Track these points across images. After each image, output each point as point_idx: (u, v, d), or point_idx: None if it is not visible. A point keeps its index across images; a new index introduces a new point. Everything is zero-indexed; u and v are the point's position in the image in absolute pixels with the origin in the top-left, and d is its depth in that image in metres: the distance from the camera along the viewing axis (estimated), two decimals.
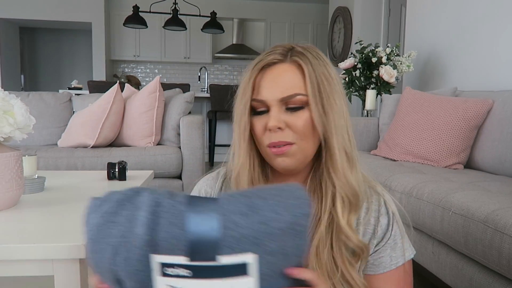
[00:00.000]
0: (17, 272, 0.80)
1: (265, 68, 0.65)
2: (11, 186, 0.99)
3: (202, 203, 0.46)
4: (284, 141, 0.63)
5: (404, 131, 1.97)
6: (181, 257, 0.43)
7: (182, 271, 0.44)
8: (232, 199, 0.47)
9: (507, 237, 0.98)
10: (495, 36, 2.21)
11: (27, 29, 7.18)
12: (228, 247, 0.44)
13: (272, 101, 0.63)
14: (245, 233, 0.44)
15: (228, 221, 0.45)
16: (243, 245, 0.44)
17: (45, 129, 2.59)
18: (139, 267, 0.44)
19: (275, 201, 0.47)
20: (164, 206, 0.45)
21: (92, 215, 0.47)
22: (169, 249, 0.43)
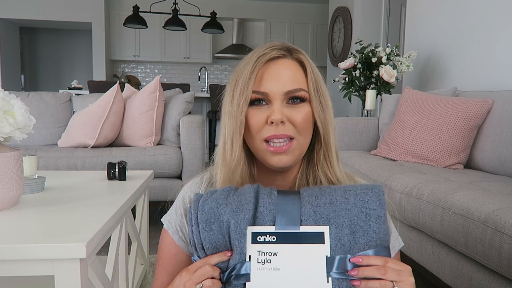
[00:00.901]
0: (17, 272, 0.80)
1: (268, 62, 0.65)
2: (11, 186, 0.99)
3: (287, 191, 0.62)
4: (286, 134, 0.63)
5: (404, 131, 1.97)
6: (271, 226, 0.57)
7: (269, 237, 0.57)
8: (308, 188, 0.62)
9: (507, 237, 0.98)
10: (495, 36, 2.21)
11: (27, 29, 7.18)
12: (306, 219, 0.57)
13: (276, 94, 0.64)
14: (317, 210, 0.58)
15: (305, 200, 0.59)
16: (317, 219, 0.57)
17: (45, 129, 2.59)
18: (243, 235, 0.57)
19: (344, 190, 0.60)
20: (262, 191, 0.61)
21: (204, 203, 0.60)
22: (262, 220, 0.58)
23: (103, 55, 6.12)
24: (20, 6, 5.84)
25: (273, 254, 0.56)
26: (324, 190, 0.61)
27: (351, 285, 0.55)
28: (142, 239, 1.61)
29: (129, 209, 1.32)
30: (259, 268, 0.56)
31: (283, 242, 0.56)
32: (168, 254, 0.72)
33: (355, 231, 0.57)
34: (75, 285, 0.79)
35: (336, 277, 0.55)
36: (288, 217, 0.58)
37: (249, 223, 0.57)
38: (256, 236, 0.57)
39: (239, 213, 0.58)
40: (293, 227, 0.57)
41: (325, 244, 0.56)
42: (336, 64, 4.16)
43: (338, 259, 0.56)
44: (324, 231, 0.57)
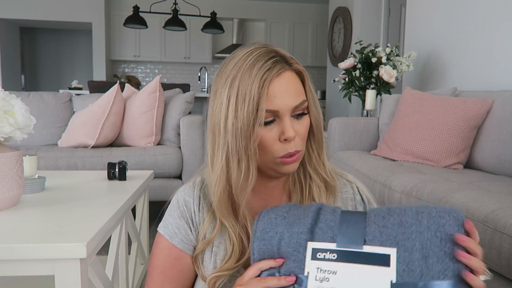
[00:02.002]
0: (17, 272, 0.80)
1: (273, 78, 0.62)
2: (12, 186, 0.99)
3: (352, 211, 0.61)
4: (297, 150, 0.65)
5: (404, 131, 1.97)
6: (331, 243, 0.54)
7: (330, 255, 0.54)
8: (375, 208, 0.59)
9: (507, 237, 0.98)
10: (495, 36, 2.21)
11: (28, 29, 7.19)
12: (370, 240, 0.53)
13: (286, 111, 0.63)
14: (384, 231, 0.53)
15: (371, 220, 0.55)
16: (384, 240, 0.53)
17: (45, 129, 2.59)
18: (295, 250, 0.55)
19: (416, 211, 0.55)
20: (325, 208, 0.59)
21: (267, 214, 0.60)
22: (322, 237, 0.55)
23: (103, 55, 6.13)
24: (20, 6, 5.84)
25: (332, 273, 0.52)
26: (393, 210, 0.56)
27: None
28: (142, 239, 1.61)
29: (129, 209, 1.32)
30: (316, 286, 0.52)
31: (344, 260, 0.52)
32: (169, 259, 0.70)
33: (428, 257, 0.51)
34: (75, 285, 0.79)
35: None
36: (350, 236, 0.54)
37: (305, 238, 0.55)
38: (316, 253, 0.54)
39: (294, 226, 0.56)
40: (355, 246, 0.53)
41: (391, 267, 0.51)
42: (336, 64, 4.16)
43: (404, 285, 0.50)
44: (390, 254, 0.51)
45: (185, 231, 0.71)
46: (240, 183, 0.63)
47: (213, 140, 0.65)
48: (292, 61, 0.66)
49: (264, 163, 0.66)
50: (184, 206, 0.72)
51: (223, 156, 0.63)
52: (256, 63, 0.62)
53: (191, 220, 0.71)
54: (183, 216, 0.71)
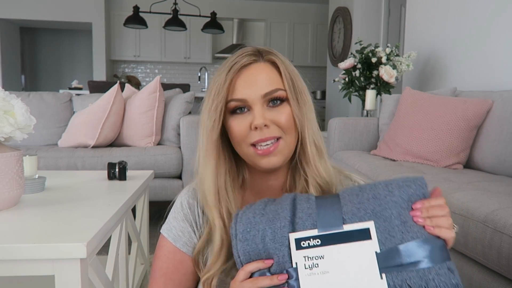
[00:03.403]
0: (17, 272, 0.80)
1: (241, 69, 0.65)
2: (12, 186, 0.99)
3: (325, 195, 0.62)
4: (272, 136, 0.64)
5: (404, 131, 1.97)
6: (313, 230, 0.55)
7: (313, 241, 0.55)
8: (346, 189, 0.61)
9: (507, 237, 0.98)
10: (495, 36, 2.21)
11: (28, 29, 7.19)
12: (350, 218, 0.55)
13: (254, 99, 0.64)
14: (361, 206, 0.56)
15: (346, 200, 0.58)
16: (362, 215, 0.55)
17: (45, 129, 2.59)
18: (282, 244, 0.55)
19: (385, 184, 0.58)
20: (300, 197, 0.61)
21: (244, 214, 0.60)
22: (303, 225, 0.56)
23: (103, 55, 6.13)
24: (20, 6, 5.84)
25: (320, 258, 0.54)
26: (364, 187, 0.59)
27: (407, 277, 0.51)
28: (142, 239, 1.61)
29: (129, 209, 1.32)
30: (307, 274, 0.53)
31: (329, 244, 0.54)
32: (173, 262, 0.70)
33: (406, 221, 0.55)
34: (75, 285, 0.79)
35: (391, 271, 0.52)
36: (329, 219, 0.56)
37: (288, 230, 0.56)
38: (299, 242, 0.55)
39: (276, 221, 0.57)
40: (336, 228, 0.55)
41: (373, 239, 0.53)
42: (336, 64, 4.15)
43: (388, 252, 0.53)
44: (369, 227, 0.54)
45: (189, 234, 0.70)
46: (203, 176, 0.67)
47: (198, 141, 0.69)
48: (266, 53, 0.67)
49: (244, 155, 0.67)
50: (188, 208, 0.72)
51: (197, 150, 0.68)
52: (228, 60, 0.66)
53: (195, 223, 0.71)
54: (187, 219, 0.71)
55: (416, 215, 0.55)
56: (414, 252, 0.53)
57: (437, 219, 0.55)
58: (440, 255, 0.53)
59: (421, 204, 0.56)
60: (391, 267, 0.52)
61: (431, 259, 0.52)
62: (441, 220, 0.55)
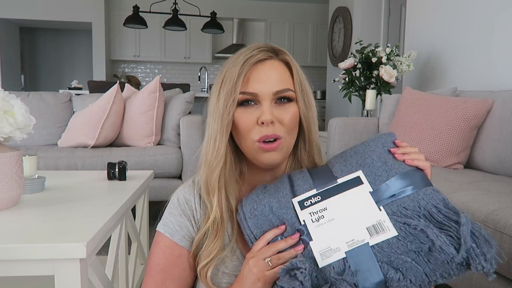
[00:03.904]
0: (17, 272, 0.80)
1: (256, 63, 0.66)
2: (11, 186, 0.99)
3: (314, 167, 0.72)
4: (275, 134, 0.65)
5: (404, 131, 1.97)
6: (312, 190, 0.63)
7: (314, 199, 0.62)
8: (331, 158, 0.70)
9: (507, 237, 0.98)
10: (495, 36, 2.21)
11: (27, 29, 7.18)
12: (340, 174, 0.64)
13: (265, 95, 0.65)
14: (346, 163, 0.65)
15: (332, 163, 0.67)
16: (350, 169, 0.64)
17: (45, 129, 2.59)
18: (288, 208, 0.63)
19: (361, 142, 0.68)
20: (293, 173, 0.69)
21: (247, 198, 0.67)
22: (302, 190, 0.64)
23: (103, 55, 6.12)
24: (20, 6, 5.84)
25: (323, 210, 0.61)
26: (345, 151, 0.68)
27: (400, 203, 0.59)
28: (142, 239, 1.61)
29: (129, 209, 1.32)
30: (316, 226, 0.60)
31: (328, 197, 0.62)
32: (171, 257, 0.69)
33: (386, 162, 0.64)
34: (75, 285, 0.79)
35: (386, 202, 0.60)
36: (323, 178, 0.64)
37: (290, 197, 0.63)
38: (302, 203, 0.62)
39: (278, 193, 0.64)
40: (331, 183, 0.63)
41: (364, 184, 0.62)
42: (336, 64, 4.15)
43: (379, 189, 0.61)
44: (359, 175, 0.63)
45: (187, 228, 0.71)
46: (213, 162, 0.67)
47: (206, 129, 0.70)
48: (280, 52, 0.69)
49: (247, 149, 0.68)
50: (185, 203, 0.72)
51: (205, 140, 0.69)
52: (244, 53, 0.67)
53: (193, 217, 0.71)
54: (184, 213, 0.71)
55: (395, 152, 0.65)
56: (400, 183, 0.61)
57: (412, 154, 0.64)
58: (423, 182, 0.62)
59: (396, 149, 0.66)
60: (385, 199, 0.60)
61: (416, 186, 0.61)
62: (415, 155, 0.64)
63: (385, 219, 0.58)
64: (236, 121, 0.66)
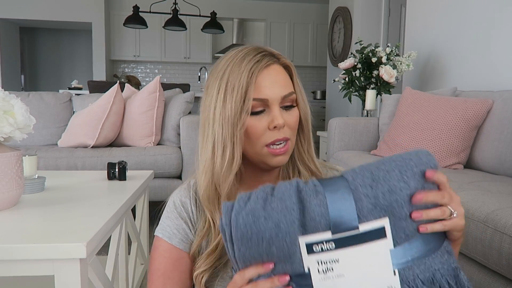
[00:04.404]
0: (17, 272, 0.80)
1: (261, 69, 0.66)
2: (11, 186, 0.99)
3: (332, 182, 0.52)
4: (286, 137, 0.67)
5: (404, 131, 1.97)
6: (326, 232, 0.49)
7: (327, 245, 0.49)
8: (356, 175, 0.52)
9: (507, 237, 0.98)
10: (495, 36, 2.21)
11: (27, 29, 7.18)
12: (365, 216, 0.49)
13: (275, 100, 0.66)
14: (378, 202, 0.50)
15: (359, 193, 0.50)
16: (378, 211, 0.50)
17: (45, 129, 2.59)
18: (292, 251, 0.49)
19: (400, 171, 0.51)
20: (305, 191, 0.51)
21: (238, 217, 0.51)
22: (315, 227, 0.49)
23: (103, 55, 6.12)
24: (20, 6, 5.84)
25: (334, 262, 0.50)
26: (377, 174, 0.51)
27: (418, 272, 0.50)
28: (142, 239, 1.61)
29: (129, 209, 1.32)
30: (321, 279, 0.50)
31: (343, 246, 0.50)
32: (170, 261, 0.69)
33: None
34: (75, 285, 0.79)
35: (402, 267, 0.50)
36: (344, 219, 0.50)
37: (298, 233, 0.50)
38: (311, 246, 0.50)
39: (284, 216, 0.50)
40: (351, 229, 0.50)
41: (388, 238, 0.50)
42: (336, 64, 4.15)
43: (400, 248, 0.51)
44: (384, 225, 0.50)
45: (184, 231, 0.71)
46: (223, 171, 0.65)
47: (202, 133, 0.69)
48: (279, 56, 0.70)
49: (254, 154, 0.68)
50: (181, 206, 0.72)
51: (209, 146, 0.67)
52: (246, 57, 0.66)
53: (190, 219, 0.72)
54: (181, 216, 0.71)
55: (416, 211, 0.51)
56: (420, 245, 0.51)
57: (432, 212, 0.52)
58: (440, 241, 0.53)
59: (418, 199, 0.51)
60: (402, 263, 0.50)
61: (433, 249, 0.52)
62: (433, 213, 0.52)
63: (396, 286, 0.50)
64: (247, 128, 0.66)
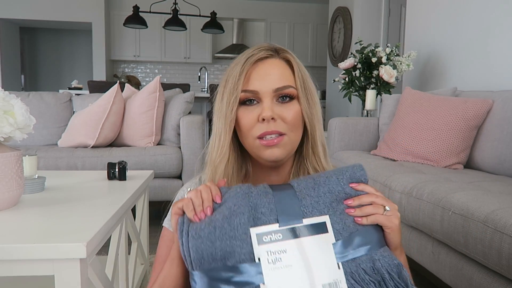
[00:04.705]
0: (17, 272, 0.80)
1: (257, 62, 0.68)
2: (11, 186, 0.99)
3: (280, 186, 0.62)
4: (277, 131, 0.66)
5: (404, 131, 1.97)
6: (274, 225, 0.56)
7: (275, 236, 0.55)
8: (301, 181, 0.62)
9: (507, 237, 0.98)
10: (495, 36, 2.21)
11: (27, 29, 7.18)
12: (310, 211, 0.58)
13: (266, 92, 0.66)
14: (319, 200, 0.59)
15: (303, 193, 0.59)
16: (321, 208, 0.58)
17: (45, 129, 2.59)
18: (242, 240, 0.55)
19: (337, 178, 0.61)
20: (255, 193, 0.59)
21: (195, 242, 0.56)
22: (265, 221, 0.56)
23: (103, 55, 6.12)
24: (20, 6, 5.84)
25: (282, 252, 0.55)
26: (318, 180, 0.61)
27: (359, 262, 0.56)
28: (142, 239, 1.61)
29: (129, 209, 1.32)
30: (271, 269, 0.54)
31: (290, 238, 0.56)
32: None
33: None
34: (75, 285, 0.79)
35: (344, 260, 0.56)
36: (289, 213, 0.58)
37: (248, 224, 0.56)
38: (261, 237, 0.55)
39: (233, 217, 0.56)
40: (296, 222, 0.57)
41: (329, 232, 0.57)
42: (336, 64, 4.16)
43: (342, 242, 0.56)
44: (325, 221, 0.57)
45: None
46: (216, 160, 0.68)
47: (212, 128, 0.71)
48: (282, 51, 0.70)
49: (249, 147, 0.69)
50: None
51: (211, 139, 0.70)
52: (245, 53, 0.68)
53: None
54: None
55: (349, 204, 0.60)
56: (361, 239, 0.57)
57: (366, 209, 0.59)
58: (381, 241, 0.59)
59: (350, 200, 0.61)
60: (344, 255, 0.56)
61: (374, 245, 0.58)
62: (370, 209, 0.59)
63: (341, 279, 0.54)
64: (239, 120, 0.67)
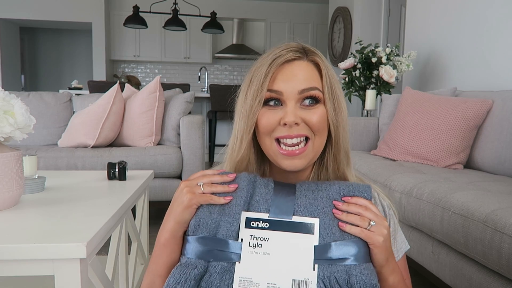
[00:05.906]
0: (17, 272, 0.80)
1: (283, 64, 0.65)
2: (11, 186, 0.99)
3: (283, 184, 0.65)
4: (300, 134, 0.63)
5: (404, 131, 1.97)
6: (264, 214, 0.60)
7: (262, 224, 0.60)
8: (304, 183, 0.65)
9: (507, 237, 0.98)
10: (495, 36, 2.21)
11: (27, 29, 7.18)
12: (302, 211, 0.60)
13: (290, 94, 0.63)
14: (314, 202, 0.61)
15: (301, 193, 0.62)
16: (313, 210, 0.60)
17: (45, 129, 2.59)
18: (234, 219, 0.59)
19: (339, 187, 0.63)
20: (259, 180, 0.64)
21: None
22: (257, 208, 0.61)
23: (103, 55, 6.12)
24: (20, 6, 5.84)
25: (264, 240, 0.59)
26: (321, 186, 0.64)
27: (335, 270, 0.57)
28: (142, 239, 1.61)
29: (129, 209, 1.32)
30: (249, 252, 0.58)
31: (275, 229, 0.59)
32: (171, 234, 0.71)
33: None
34: (75, 285, 0.79)
35: (323, 263, 0.58)
36: (282, 207, 0.61)
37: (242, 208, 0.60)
38: (249, 221, 0.60)
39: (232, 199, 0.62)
40: (285, 216, 0.60)
41: (315, 235, 0.59)
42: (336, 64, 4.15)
43: (324, 246, 0.58)
44: (314, 223, 0.60)
45: None
46: (238, 163, 0.67)
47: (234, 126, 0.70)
48: (311, 53, 0.67)
49: (265, 148, 0.66)
50: None
51: (231, 139, 0.69)
52: (272, 52, 0.66)
53: None
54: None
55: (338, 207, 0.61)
56: (345, 250, 0.58)
57: (351, 216, 0.60)
58: (366, 257, 0.59)
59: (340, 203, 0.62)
60: (323, 260, 0.58)
61: (357, 258, 0.58)
62: (353, 218, 0.60)
63: (313, 280, 0.56)
64: (259, 120, 0.64)
